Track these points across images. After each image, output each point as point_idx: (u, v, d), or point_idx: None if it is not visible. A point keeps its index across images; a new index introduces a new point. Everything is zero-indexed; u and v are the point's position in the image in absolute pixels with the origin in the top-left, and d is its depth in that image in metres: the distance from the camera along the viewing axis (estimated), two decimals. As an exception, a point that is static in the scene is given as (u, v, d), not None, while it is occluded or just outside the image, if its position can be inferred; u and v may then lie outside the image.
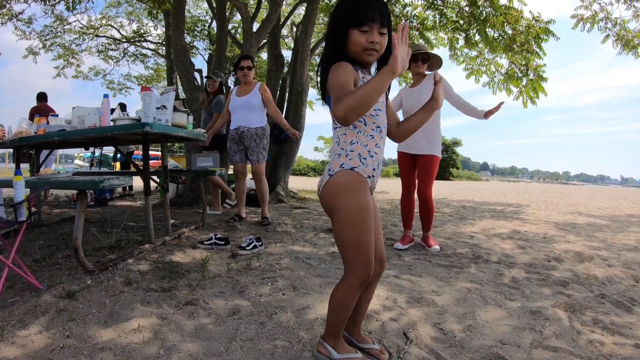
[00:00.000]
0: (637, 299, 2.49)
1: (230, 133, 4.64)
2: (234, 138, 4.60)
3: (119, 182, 2.50)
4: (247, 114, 4.53)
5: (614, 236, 4.92)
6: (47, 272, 2.57)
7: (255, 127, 4.54)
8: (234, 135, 4.60)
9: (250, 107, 4.52)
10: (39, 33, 10.68)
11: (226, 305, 2.14)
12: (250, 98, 4.52)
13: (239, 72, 4.57)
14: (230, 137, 4.65)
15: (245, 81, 4.58)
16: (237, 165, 4.67)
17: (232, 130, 4.63)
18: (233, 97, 4.62)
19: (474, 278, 2.80)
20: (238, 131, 4.56)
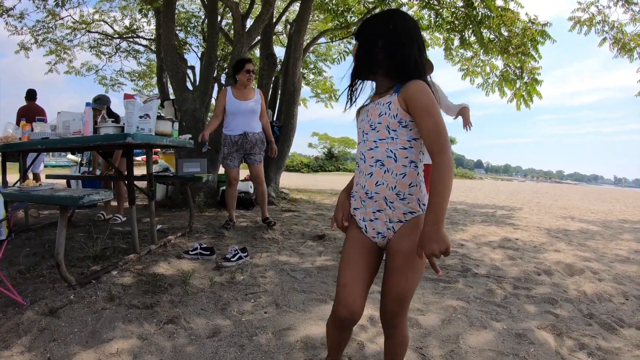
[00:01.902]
0: (625, 320, 2.48)
1: (232, 138, 4.50)
2: (238, 142, 4.51)
3: (99, 197, 2.45)
4: (251, 119, 4.52)
5: (606, 245, 4.91)
6: (30, 286, 2.54)
7: (259, 132, 4.58)
8: (237, 139, 4.50)
9: (254, 112, 4.52)
10: (30, 28, 10.54)
11: (207, 324, 2.11)
12: (253, 104, 4.52)
13: (245, 74, 4.45)
14: (231, 142, 4.51)
15: (249, 84, 4.52)
16: (232, 171, 4.60)
17: (235, 135, 4.50)
18: (232, 99, 4.47)
19: (461, 295, 2.77)
20: (245, 136, 4.49)
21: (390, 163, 1.33)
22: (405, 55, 1.35)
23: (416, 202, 1.34)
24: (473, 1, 6.75)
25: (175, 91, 6.31)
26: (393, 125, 1.33)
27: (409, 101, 1.29)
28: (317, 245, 4.02)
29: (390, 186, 1.33)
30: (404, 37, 1.35)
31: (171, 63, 6.29)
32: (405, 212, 1.34)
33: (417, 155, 1.34)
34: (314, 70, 13.29)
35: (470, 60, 9.25)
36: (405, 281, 1.32)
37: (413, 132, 1.33)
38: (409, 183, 1.33)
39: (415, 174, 1.33)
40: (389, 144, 1.34)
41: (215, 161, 6.36)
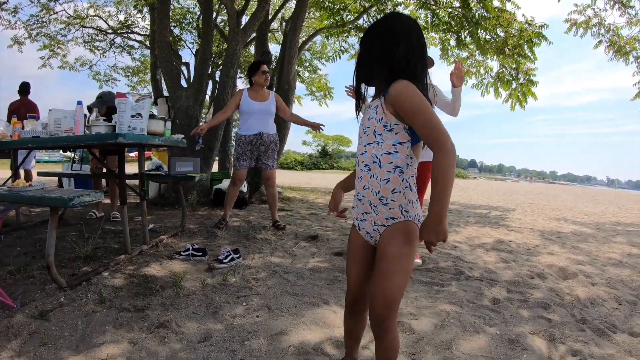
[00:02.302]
0: (618, 325, 2.48)
1: (247, 137, 4.55)
2: (252, 142, 4.55)
3: (90, 199, 2.41)
4: (266, 120, 4.58)
5: (599, 248, 4.93)
6: (21, 287, 2.50)
7: (274, 133, 4.64)
8: (252, 139, 4.55)
9: (269, 114, 4.57)
10: (24, 22, 10.42)
11: (198, 329, 2.08)
12: (269, 105, 4.57)
13: (261, 75, 4.52)
14: (245, 142, 4.55)
15: (265, 85, 4.58)
16: (240, 171, 4.62)
17: (250, 135, 4.54)
18: (247, 100, 4.52)
19: (454, 299, 2.76)
20: (260, 136, 4.54)
21: (376, 168, 1.37)
22: (395, 56, 1.35)
23: (398, 209, 1.36)
24: (470, 2, 6.73)
25: (169, 88, 6.26)
26: (379, 129, 1.36)
27: (396, 103, 1.29)
28: (310, 246, 4.00)
29: (374, 191, 1.37)
30: (394, 39, 1.35)
31: (165, 60, 6.24)
32: (387, 217, 1.37)
33: (404, 160, 1.35)
34: (309, 68, 13.24)
35: (466, 60, 9.24)
36: (391, 285, 1.33)
37: (398, 136, 1.34)
38: (392, 189, 1.35)
39: (400, 180, 1.35)
40: (375, 148, 1.37)
41: (208, 159, 6.33)
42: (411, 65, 1.35)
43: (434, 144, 1.24)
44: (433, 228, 1.23)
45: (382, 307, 1.36)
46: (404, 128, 1.33)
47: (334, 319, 2.30)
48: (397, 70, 1.34)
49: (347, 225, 5.36)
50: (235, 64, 6.41)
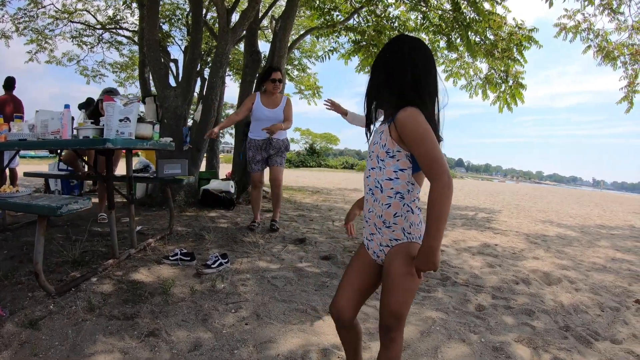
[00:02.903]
0: (600, 333, 2.54)
1: (257, 142, 4.63)
2: (262, 146, 4.62)
3: (78, 207, 2.39)
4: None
5: (584, 252, 5.02)
6: (9, 294, 2.47)
7: (283, 138, 4.68)
8: (261, 144, 4.62)
9: (279, 121, 4.58)
10: (12, 16, 10.26)
11: (188, 337, 2.09)
12: (279, 112, 4.59)
13: (270, 83, 4.55)
14: (255, 146, 4.64)
15: (275, 92, 4.60)
16: (256, 175, 4.73)
17: (259, 140, 4.62)
18: (259, 106, 4.58)
19: (440, 305, 2.80)
20: (269, 141, 4.60)
21: (378, 193, 1.42)
22: (403, 80, 1.37)
23: (400, 231, 1.40)
24: (461, 5, 6.77)
25: (158, 88, 6.18)
26: (381, 155, 1.40)
27: (400, 130, 1.32)
28: (297, 249, 4.02)
29: (377, 214, 1.43)
30: (402, 63, 1.38)
31: (154, 59, 6.16)
32: (390, 238, 1.42)
33: (405, 187, 1.38)
34: (298, 67, 13.23)
35: (455, 62, 9.33)
36: (396, 300, 1.38)
37: (400, 163, 1.37)
38: (393, 213, 1.40)
39: (401, 205, 1.39)
40: (377, 174, 1.41)
41: (196, 160, 6.29)
42: (419, 89, 1.36)
43: (431, 176, 1.27)
44: (424, 259, 1.28)
45: (389, 319, 1.41)
46: (406, 155, 1.36)
47: (322, 326, 2.32)
48: (406, 95, 1.36)
49: (334, 227, 5.40)
50: (224, 64, 6.38)
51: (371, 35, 8.30)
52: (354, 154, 66.57)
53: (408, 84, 1.36)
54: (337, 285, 2.96)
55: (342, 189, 13.38)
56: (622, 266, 4.38)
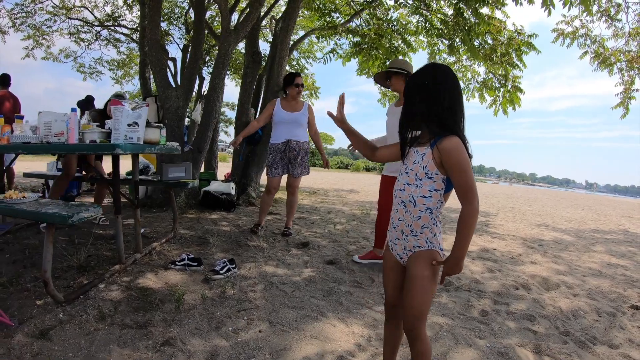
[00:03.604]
0: (598, 337, 2.62)
1: (277, 146, 4.68)
2: (281, 150, 4.66)
3: (89, 214, 2.39)
4: (294, 128, 4.66)
5: (580, 257, 5.11)
6: (15, 302, 2.44)
7: (304, 141, 4.71)
8: (280, 147, 4.67)
9: (298, 124, 4.66)
10: (9, 11, 10.16)
11: (204, 346, 2.10)
12: (299, 116, 4.67)
13: (294, 88, 4.64)
14: (275, 150, 4.68)
15: (297, 97, 4.68)
16: (273, 180, 4.75)
17: (279, 143, 4.68)
18: (279, 110, 4.66)
19: (446, 310, 2.86)
20: (287, 144, 4.64)
21: (410, 206, 1.58)
22: (442, 108, 1.51)
23: (424, 240, 1.58)
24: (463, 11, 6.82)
25: (159, 88, 6.15)
26: (420, 175, 1.56)
27: (445, 158, 1.49)
28: (302, 254, 4.05)
29: (407, 224, 1.60)
30: (440, 93, 1.52)
31: (155, 58, 6.13)
32: (414, 245, 1.60)
33: (435, 204, 1.57)
34: (296, 67, 13.24)
35: (453, 65, 9.39)
36: (417, 301, 1.57)
37: (435, 184, 1.55)
38: (421, 225, 1.58)
39: (429, 218, 1.57)
40: (413, 190, 1.58)
41: (197, 161, 6.29)
42: (456, 116, 1.53)
43: (465, 200, 1.47)
44: (452, 266, 1.52)
45: (411, 318, 1.59)
46: (442, 178, 1.54)
47: (334, 333, 2.36)
48: (445, 123, 1.52)
49: (336, 231, 5.43)
50: (227, 65, 6.37)
51: (372, 38, 8.32)
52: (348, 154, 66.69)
53: (446, 112, 1.51)
54: (344, 291, 3.04)
55: (338, 190, 13.41)
56: (617, 271, 4.47)
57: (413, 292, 1.57)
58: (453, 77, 1.57)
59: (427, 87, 1.55)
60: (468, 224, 1.46)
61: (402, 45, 8.55)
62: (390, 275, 1.74)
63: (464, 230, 1.47)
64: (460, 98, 1.56)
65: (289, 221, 4.93)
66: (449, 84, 1.54)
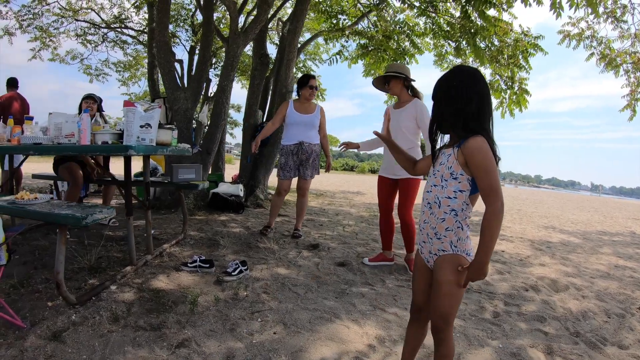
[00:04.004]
0: (608, 338, 2.64)
1: (289, 148, 4.69)
2: (293, 151, 4.68)
3: (102, 216, 2.39)
4: (307, 130, 4.69)
5: (587, 259, 5.10)
6: (27, 303, 2.44)
7: (316, 143, 4.73)
8: (293, 149, 4.69)
9: (311, 125, 4.69)
10: (16, 13, 10.23)
11: (219, 348, 2.11)
12: (312, 118, 4.70)
13: (308, 90, 4.65)
14: (288, 152, 4.69)
15: (311, 99, 4.71)
16: (284, 182, 4.76)
17: (291, 145, 4.69)
18: (292, 112, 4.69)
19: (458, 312, 2.84)
20: (300, 146, 4.66)
21: (436, 208, 1.58)
22: (470, 110, 1.51)
23: (448, 243, 1.56)
24: (470, 14, 6.81)
25: (167, 90, 6.18)
26: (446, 175, 1.55)
27: (469, 158, 1.48)
28: (312, 255, 4.06)
29: (432, 226, 1.59)
30: (469, 95, 1.51)
31: (164, 60, 6.17)
32: (439, 248, 1.58)
33: (460, 205, 1.54)
34: (303, 69, 13.27)
35: (459, 67, 9.36)
36: (443, 304, 1.56)
37: (461, 185, 1.53)
38: (445, 227, 1.56)
39: (454, 220, 1.55)
40: (439, 191, 1.57)
41: (205, 163, 6.31)
42: (481, 118, 1.53)
43: (488, 202, 1.45)
44: (476, 271, 1.48)
45: (438, 320, 1.59)
46: (467, 179, 1.52)
47: (348, 334, 2.37)
48: (470, 125, 1.51)
49: (345, 233, 5.44)
50: (235, 67, 6.39)
51: (379, 40, 8.32)
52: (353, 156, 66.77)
53: (473, 115, 1.50)
54: (356, 293, 3.04)
55: (344, 192, 13.42)
56: (625, 273, 4.47)
57: (439, 297, 1.57)
58: (481, 79, 1.55)
59: (454, 90, 1.54)
60: (491, 226, 1.43)
61: (409, 47, 8.54)
62: (419, 278, 1.73)
63: (487, 233, 1.44)
64: (488, 100, 1.56)
65: (299, 223, 4.94)
66: (477, 87, 1.53)
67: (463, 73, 1.58)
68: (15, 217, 4.07)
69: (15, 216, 3.97)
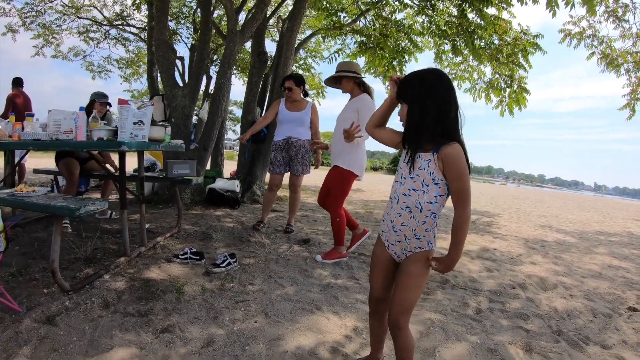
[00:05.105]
0: (591, 338, 2.64)
1: (277, 143, 4.80)
2: (282, 147, 4.78)
3: (96, 207, 2.50)
4: (296, 126, 4.75)
5: (580, 259, 5.11)
6: (24, 290, 2.57)
7: (304, 139, 4.78)
8: (282, 145, 4.78)
9: (300, 122, 4.76)
10: (19, 10, 10.36)
11: (201, 334, 2.20)
12: (302, 115, 4.76)
13: (284, 90, 4.75)
14: (276, 147, 4.80)
15: (290, 100, 4.76)
16: (276, 177, 4.87)
17: (279, 140, 4.79)
18: (282, 109, 4.78)
19: (439, 307, 2.92)
20: (287, 141, 4.75)
21: (417, 212, 1.63)
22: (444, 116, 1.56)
23: (426, 242, 1.66)
24: (467, 12, 6.84)
25: (166, 87, 6.26)
26: (427, 180, 1.60)
27: (446, 164, 1.55)
28: (302, 250, 4.14)
29: (411, 228, 1.65)
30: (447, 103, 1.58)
31: (163, 58, 6.25)
32: (416, 246, 1.66)
33: (439, 209, 1.64)
34: (303, 67, 13.32)
35: (459, 65, 9.42)
36: (408, 296, 1.64)
37: (441, 190, 1.60)
38: (425, 229, 1.64)
39: (432, 222, 1.64)
40: (420, 196, 1.62)
41: (203, 159, 6.39)
42: (457, 124, 1.60)
43: (460, 205, 1.56)
44: (448, 265, 1.61)
45: (397, 313, 1.65)
46: (445, 184, 1.59)
47: (327, 325, 2.45)
48: (449, 131, 1.58)
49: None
50: (232, 65, 6.47)
51: (377, 38, 8.37)
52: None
53: (452, 120, 1.58)
54: (340, 286, 3.11)
55: (343, 189, 13.46)
56: (618, 273, 4.47)
57: (406, 289, 1.63)
58: (450, 82, 1.60)
59: (437, 96, 1.56)
60: (464, 228, 1.56)
61: (408, 45, 8.58)
62: (381, 272, 1.79)
63: (460, 233, 1.57)
64: (457, 102, 1.59)
65: (291, 218, 5.03)
66: (453, 92, 1.58)
67: (442, 78, 1.60)
68: (15, 208, 4.20)
69: (14, 208, 4.09)
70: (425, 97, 1.56)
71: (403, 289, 1.64)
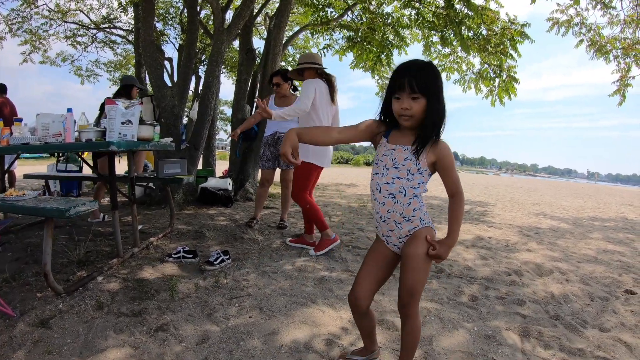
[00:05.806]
0: (589, 321, 2.64)
1: (266, 139, 4.86)
2: (270, 143, 4.82)
3: (86, 208, 2.48)
4: (283, 122, 4.71)
5: (576, 244, 5.13)
6: (18, 295, 2.55)
7: None
8: (269, 140, 4.83)
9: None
10: (5, 17, 10.27)
11: (196, 331, 2.19)
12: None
13: (272, 87, 4.76)
14: (265, 143, 4.86)
15: (279, 95, 4.76)
16: (265, 172, 4.92)
17: (268, 136, 4.85)
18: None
19: (435, 296, 2.91)
20: (274, 136, 4.79)
21: (400, 197, 1.64)
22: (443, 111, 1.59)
23: (418, 220, 1.66)
24: (454, 2, 6.84)
25: (154, 87, 6.24)
26: (413, 170, 1.62)
27: (439, 159, 1.61)
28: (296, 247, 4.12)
29: (398, 212, 1.65)
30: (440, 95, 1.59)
31: (150, 59, 6.22)
32: (409, 229, 1.67)
33: (421, 192, 1.66)
34: (292, 63, 13.28)
35: (448, 56, 9.42)
36: (415, 278, 1.62)
37: (424, 178, 1.64)
38: (413, 209, 1.65)
39: (418, 201, 1.65)
40: (404, 183, 1.63)
41: (194, 158, 6.36)
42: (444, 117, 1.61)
43: (454, 194, 1.65)
44: (446, 249, 1.62)
45: (406, 296, 1.65)
46: (429, 174, 1.64)
47: (322, 318, 2.44)
48: (439, 124, 1.60)
49: (331, 223, 5.50)
50: (220, 63, 6.44)
51: (365, 32, 8.36)
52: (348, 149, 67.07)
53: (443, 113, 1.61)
54: (335, 279, 3.10)
55: (337, 184, 13.46)
56: (613, 257, 4.49)
57: (408, 270, 1.62)
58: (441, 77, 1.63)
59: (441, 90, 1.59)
60: (460, 214, 1.65)
61: (396, 39, 8.57)
62: (373, 268, 1.76)
63: (457, 220, 1.64)
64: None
65: (284, 214, 5.03)
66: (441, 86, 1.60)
67: (437, 71, 1.60)
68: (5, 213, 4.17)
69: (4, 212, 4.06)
70: (440, 90, 1.59)
71: (409, 272, 1.63)
